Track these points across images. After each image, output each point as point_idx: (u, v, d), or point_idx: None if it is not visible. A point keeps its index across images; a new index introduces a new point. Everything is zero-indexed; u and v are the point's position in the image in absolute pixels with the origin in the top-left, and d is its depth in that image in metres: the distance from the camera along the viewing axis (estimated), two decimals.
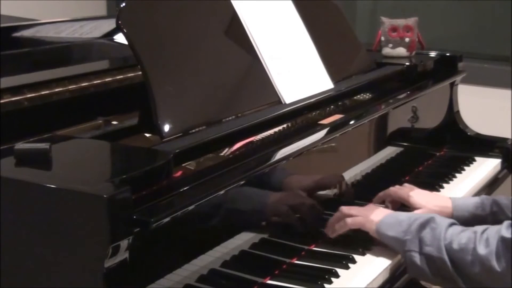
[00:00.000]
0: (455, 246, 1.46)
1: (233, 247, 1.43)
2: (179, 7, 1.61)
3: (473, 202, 1.76)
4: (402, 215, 1.59)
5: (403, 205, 1.80)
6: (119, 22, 1.46)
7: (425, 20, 2.52)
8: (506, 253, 1.40)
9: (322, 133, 1.66)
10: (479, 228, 1.47)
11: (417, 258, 1.49)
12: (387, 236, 1.56)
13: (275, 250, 1.53)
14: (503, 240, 1.41)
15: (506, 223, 1.43)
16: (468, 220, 1.70)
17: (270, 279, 1.47)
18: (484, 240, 1.43)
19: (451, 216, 1.72)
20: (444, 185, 2.04)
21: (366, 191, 1.90)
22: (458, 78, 2.37)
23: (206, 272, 1.36)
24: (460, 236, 1.47)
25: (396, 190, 1.81)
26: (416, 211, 1.73)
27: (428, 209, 1.73)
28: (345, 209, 1.64)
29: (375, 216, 1.59)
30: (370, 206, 1.70)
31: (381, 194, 1.83)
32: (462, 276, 1.46)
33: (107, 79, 1.79)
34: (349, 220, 1.61)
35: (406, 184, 1.85)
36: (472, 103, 2.66)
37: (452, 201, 1.77)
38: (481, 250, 1.43)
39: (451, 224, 1.51)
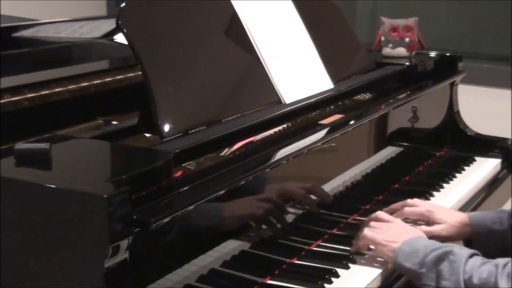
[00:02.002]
0: (475, 280, 1.38)
1: (233, 247, 1.43)
2: (179, 7, 1.61)
3: (491, 217, 1.70)
4: (419, 242, 1.50)
5: None
6: (119, 22, 1.46)
7: (425, 20, 2.52)
8: None
9: (322, 133, 1.66)
10: (500, 261, 1.40)
11: None
12: (403, 266, 1.48)
13: (275, 250, 1.53)
14: None
15: None
16: (486, 236, 1.66)
17: (270, 279, 1.47)
18: (506, 274, 1.36)
19: (470, 233, 1.68)
20: (444, 185, 2.04)
21: (366, 191, 1.90)
22: (458, 78, 2.37)
23: (206, 272, 1.36)
24: (481, 269, 1.39)
25: (413, 210, 1.73)
26: (436, 227, 1.68)
27: (449, 225, 1.68)
28: (369, 233, 1.56)
29: (393, 242, 1.51)
30: (396, 226, 1.59)
31: (396, 215, 1.73)
32: None
33: (107, 79, 1.79)
34: (370, 253, 1.55)
35: (413, 201, 1.78)
36: (472, 103, 2.66)
37: (470, 218, 1.70)
38: (503, 284, 1.36)
39: (471, 255, 1.43)
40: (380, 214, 1.64)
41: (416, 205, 1.75)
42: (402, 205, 1.76)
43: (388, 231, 1.56)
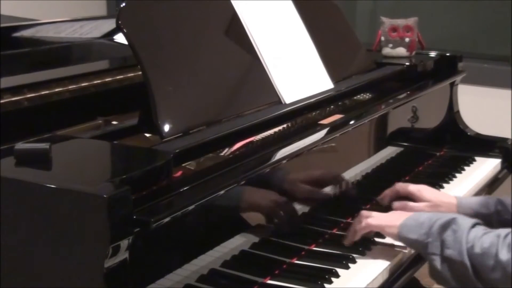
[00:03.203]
0: (477, 250, 1.42)
1: (233, 247, 1.43)
2: (179, 7, 1.61)
3: (478, 201, 1.75)
4: (423, 216, 1.55)
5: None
6: (119, 22, 1.46)
7: (425, 20, 2.52)
8: None
9: (322, 133, 1.66)
10: (502, 232, 1.43)
11: (437, 261, 1.46)
12: (409, 239, 1.53)
13: (275, 250, 1.53)
14: None
15: None
16: (471, 217, 1.69)
17: (270, 279, 1.47)
18: (506, 245, 1.39)
19: (455, 212, 1.71)
20: (444, 185, 2.04)
21: (366, 191, 1.90)
22: (458, 78, 2.37)
23: (206, 272, 1.36)
24: (483, 239, 1.43)
25: (404, 186, 1.80)
26: (421, 204, 1.74)
27: (434, 203, 1.74)
28: (365, 212, 1.62)
29: (396, 219, 1.56)
30: (390, 212, 1.67)
31: (387, 192, 1.82)
32: (482, 281, 1.42)
33: (107, 79, 1.79)
34: (371, 220, 1.59)
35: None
36: (472, 103, 2.66)
37: (457, 199, 1.76)
38: (503, 255, 1.39)
39: (474, 225, 1.47)
40: (365, 212, 1.66)
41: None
42: (392, 190, 1.82)
43: (386, 215, 1.62)
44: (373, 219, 1.60)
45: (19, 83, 1.61)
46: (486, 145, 2.32)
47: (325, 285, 1.45)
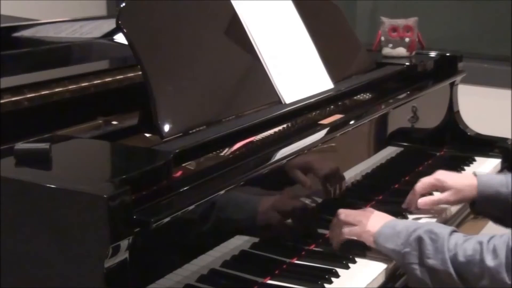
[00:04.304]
0: (460, 258, 1.41)
1: (233, 247, 1.43)
2: (179, 7, 1.61)
3: (499, 180, 1.76)
4: (400, 224, 1.55)
5: None
6: (119, 22, 1.46)
7: (425, 20, 2.52)
8: None
9: (322, 133, 1.66)
10: (484, 238, 1.43)
11: (417, 270, 1.46)
12: (385, 248, 1.53)
13: (275, 250, 1.53)
14: None
15: None
16: (492, 196, 1.72)
17: (270, 279, 1.47)
18: (491, 251, 1.39)
19: (476, 193, 1.75)
20: None
21: (366, 191, 1.90)
22: (458, 78, 2.37)
23: (206, 272, 1.36)
24: (465, 246, 1.42)
25: (423, 184, 1.81)
26: (445, 194, 1.78)
27: (457, 189, 1.77)
28: (342, 214, 1.61)
29: (372, 226, 1.56)
30: (368, 211, 1.64)
31: (411, 197, 1.82)
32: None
33: (107, 79, 1.79)
34: (346, 230, 1.59)
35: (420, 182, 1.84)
36: (472, 103, 2.66)
37: (478, 178, 1.78)
38: (489, 261, 1.38)
39: (452, 232, 1.47)
40: (343, 212, 1.63)
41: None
42: (413, 194, 1.82)
43: (361, 215, 1.60)
44: (349, 229, 1.58)
45: (19, 83, 1.61)
46: (486, 145, 2.32)
47: (325, 285, 1.45)
